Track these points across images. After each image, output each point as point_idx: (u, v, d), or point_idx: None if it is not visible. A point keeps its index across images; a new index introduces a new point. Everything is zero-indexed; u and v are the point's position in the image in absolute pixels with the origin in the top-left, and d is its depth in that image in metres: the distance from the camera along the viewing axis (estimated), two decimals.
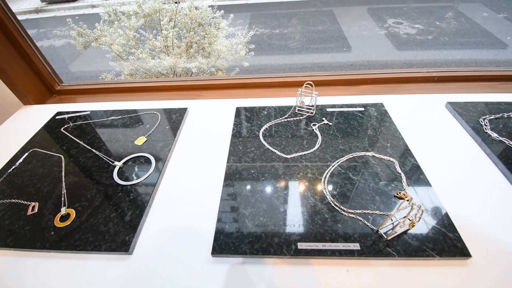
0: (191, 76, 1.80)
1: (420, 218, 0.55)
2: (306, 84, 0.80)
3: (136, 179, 0.70)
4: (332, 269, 0.52)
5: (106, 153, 0.79)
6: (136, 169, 0.73)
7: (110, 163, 0.76)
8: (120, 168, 0.74)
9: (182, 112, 0.92)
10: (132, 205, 0.65)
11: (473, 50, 3.29)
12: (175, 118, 0.89)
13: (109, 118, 0.93)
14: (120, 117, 0.93)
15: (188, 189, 0.69)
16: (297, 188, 0.65)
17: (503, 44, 3.37)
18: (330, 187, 0.64)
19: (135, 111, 0.95)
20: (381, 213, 0.58)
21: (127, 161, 0.76)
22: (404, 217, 0.52)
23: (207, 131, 0.86)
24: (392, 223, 0.55)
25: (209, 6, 1.78)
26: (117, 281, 0.54)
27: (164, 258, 0.56)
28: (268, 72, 3.05)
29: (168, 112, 0.92)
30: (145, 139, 0.82)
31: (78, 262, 0.57)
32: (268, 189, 0.65)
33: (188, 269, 0.54)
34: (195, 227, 0.61)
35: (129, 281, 0.53)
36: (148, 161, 0.75)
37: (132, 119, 0.92)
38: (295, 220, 0.58)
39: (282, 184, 0.66)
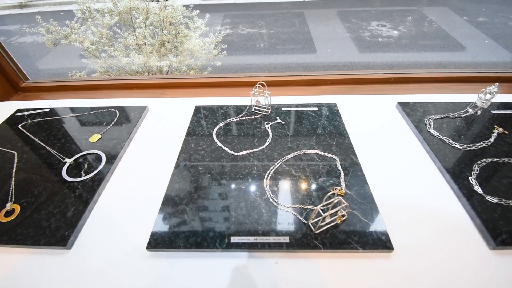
0: (167, 74, 1.80)
1: (346, 212, 0.57)
2: (258, 84, 0.82)
3: (84, 176, 0.71)
4: (262, 262, 0.54)
5: (59, 150, 0.79)
6: (85, 166, 0.74)
7: (61, 160, 0.76)
8: (70, 165, 0.75)
9: (141, 110, 0.92)
10: (76, 201, 0.65)
11: (433, 53, 3.40)
12: (133, 116, 0.90)
13: (67, 116, 0.93)
14: (78, 114, 0.93)
15: (136, 186, 0.70)
16: (240, 185, 0.66)
17: (461, 47, 3.49)
18: (272, 184, 0.66)
19: (94, 108, 0.95)
20: (314, 207, 0.60)
21: (78, 158, 0.77)
22: (324, 207, 0.54)
23: (164, 129, 0.87)
24: (320, 217, 0.57)
25: (184, 6, 1.78)
26: (54, 275, 0.54)
27: (102, 253, 0.57)
28: (236, 71, 3.09)
29: (126, 110, 0.93)
30: (99, 136, 0.83)
31: (17, 256, 0.58)
32: (212, 185, 0.67)
33: (124, 264, 0.55)
34: (137, 223, 0.62)
35: (66, 275, 0.54)
36: (99, 158, 0.76)
37: (90, 117, 0.92)
38: (233, 215, 0.60)
39: (226, 181, 0.68)
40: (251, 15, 4.59)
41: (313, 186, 0.65)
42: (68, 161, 0.75)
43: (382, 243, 0.54)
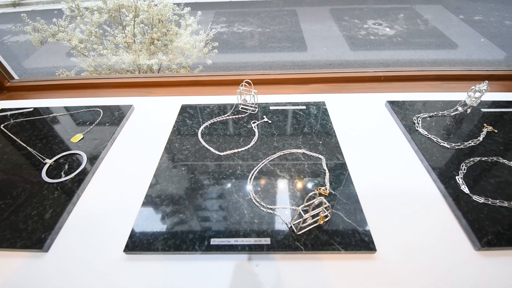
0: (158, 72, 1.78)
1: (329, 213, 0.56)
2: (244, 82, 0.81)
3: (64, 177, 0.69)
4: (243, 264, 0.53)
5: (40, 151, 0.78)
6: (66, 167, 0.72)
7: (42, 160, 0.74)
8: (50, 165, 0.73)
9: (126, 109, 0.91)
10: (54, 203, 0.64)
11: (425, 51, 3.39)
12: (117, 115, 0.88)
13: (51, 115, 0.91)
14: (62, 114, 0.91)
15: (117, 187, 0.68)
16: (223, 185, 0.65)
17: (454, 45, 3.49)
18: (256, 184, 0.65)
19: (78, 108, 0.93)
20: (297, 208, 0.59)
21: (59, 158, 0.75)
22: (306, 208, 0.53)
23: (149, 128, 0.86)
24: (302, 218, 0.56)
25: (175, 4, 1.76)
26: (30, 278, 0.53)
27: (79, 256, 0.56)
28: (227, 70, 3.07)
29: (111, 109, 0.91)
30: (82, 136, 0.81)
31: None
32: (195, 186, 0.65)
33: (100, 267, 0.53)
34: (116, 225, 0.60)
35: (41, 278, 0.53)
36: (80, 159, 0.74)
37: (74, 116, 0.90)
38: (214, 216, 0.59)
39: (209, 181, 0.66)
40: (244, 12, 4.57)
41: (298, 186, 0.64)
42: (49, 161, 0.73)
43: (365, 244, 0.53)
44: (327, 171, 0.67)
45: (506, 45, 3.51)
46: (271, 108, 0.89)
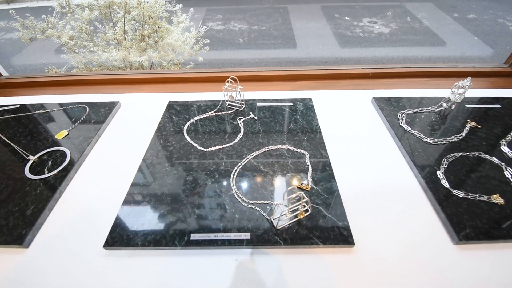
0: (150, 69, 1.77)
1: (308, 207, 0.56)
2: (229, 79, 0.81)
3: (47, 173, 0.69)
4: (222, 259, 0.53)
5: (24, 147, 0.77)
6: (49, 163, 0.72)
7: (25, 157, 0.74)
8: (34, 162, 0.72)
9: (112, 105, 0.90)
10: (36, 200, 0.63)
11: (413, 48, 3.41)
12: (103, 112, 0.88)
13: (37, 112, 0.90)
14: (47, 110, 0.91)
15: (100, 184, 0.68)
16: (206, 181, 0.65)
17: (442, 42, 3.51)
18: (239, 180, 0.65)
19: (64, 104, 0.93)
20: (279, 203, 0.59)
21: (43, 155, 0.74)
22: (290, 205, 0.53)
23: (135, 125, 0.85)
24: (282, 212, 0.56)
25: (167, 1, 1.75)
26: (10, 274, 0.52)
27: (60, 252, 0.56)
28: (219, 67, 3.06)
29: (97, 105, 0.91)
30: (66, 133, 0.80)
31: None
32: (177, 182, 0.65)
33: (80, 263, 0.53)
34: (98, 221, 0.60)
35: (22, 274, 0.53)
36: (64, 156, 0.74)
37: (60, 113, 0.89)
38: (196, 212, 0.59)
39: (192, 177, 0.66)
40: (235, 10, 4.56)
41: (280, 182, 0.64)
42: (32, 158, 0.73)
43: (343, 238, 0.53)
44: (310, 166, 0.67)
45: (500, 42, 3.54)
46: (258, 104, 0.89)
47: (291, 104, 0.89)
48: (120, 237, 0.55)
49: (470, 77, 0.77)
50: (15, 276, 0.52)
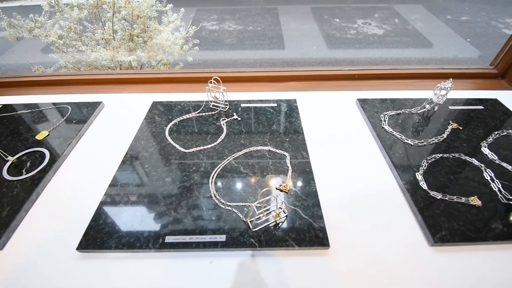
0: (140, 69, 1.76)
1: (285, 209, 0.56)
2: (212, 79, 0.80)
3: (25, 175, 0.68)
4: (197, 261, 0.52)
5: (4, 148, 0.76)
6: (28, 164, 0.71)
7: (4, 157, 0.73)
8: (12, 163, 0.71)
9: (95, 106, 0.89)
10: (12, 201, 0.62)
11: (400, 49, 3.43)
12: (85, 112, 0.87)
13: (18, 112, 0.89)
14: (30, 111, 0.89)
15: (78, 185, 0.67)
16: (184, 183, 0.64)
17: (429, 44, 3.54)
18: (218, 181, 0.65)
19: (47, 104, 0.91)
20: (253, 205, 0.58)
21: (22, 156, 0.73)
22: (260, 204, 0.53)
23: (117, 126, 0.85)
24: (256, 214, 0.56)
25: (157, 0, 1.74)
26: None
27: (34, 254, 0.55)
28: (207, 67, 3.07)
29: (80, 106, 0.90)
30: (47, 133, 0.80)
31: None
32: (156, 184, 0.65)
33: (53, 265, 0.53)
34: (73, 224, 0.59)
35: None
36: (43, 156, 0.73)
37: (42, 113, 0.88)
38: (172, 214, 0.58)
39: (171, 179, 0.66)
40: (225, 10, 4.56)
41: (259, 183, 0.64)
42: (11, 159, 0.72)
43: (319, 240, 0.53)
44: (290, 168, 0.67)
45: (493, 45, 3.57)
46: (242, 105, 0.89)
47: (275, 105, 0.88)
48: (94, 240, 0.54)
49: (451, 79, 0.77)
50: None
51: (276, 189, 0.62)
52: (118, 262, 0.53)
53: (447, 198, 0.60)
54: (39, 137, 0.79)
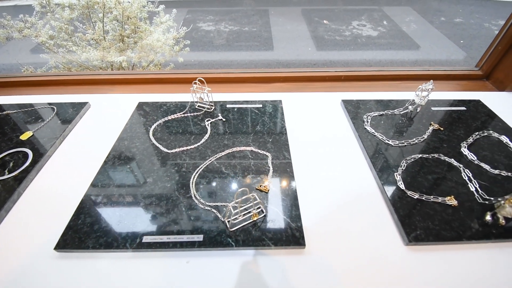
0: (132, 69, 1.76)
1: (263, 208, 0.56)
2: (197, 80, 0.81)
3: (7, 175, 0.68)
4: (174, 261, 0.53)
5: None
6: (10, 164, 0.71)
7: None
8: None
9: (80, 106, 0.90)
10: None
11: (387, 51, 3.47)
12: (70, 113, 0.87)
13: (5, 112, 0.89)
14: (15, 111, 0.89)
15: (60, 186, 0.67)
16: (165, 183, 0.65)
17: (416, 46, 3.57)
18: (199, 181, 0.65)
19: (34, 105, 0.91)
20: (230, 205, 0.59)
21: (5, 156, 0.73)
22: (237, 204, 0.53)
23: (102, 126, 0.85)
24: (232, 214, 0.56)
25: (149, 1, 1.75)
26: None
27: (13, 253, 0.55)
28: (199, 68, 3.07)
29: (65, 106, 0.90)
30: (31, 133, 0.80)
31: None
32: (136, 184, 0.65)
33: (31, 265, 0.53)
34: (53, 224, 0.59)
35: None
36: (26, 157, 0.73)
37: (27, 113, 0.88)
38: (151, 214, 0.58)
39: (152, 179, 0.66)
40: (213, 11, 4.57)
41: (240, 184, 0.64)
42: None
43: (295, 239, 0.54)
44: (271, 168, 0.67)
45: (485, 45, 3.60)
46: (228, 106, 0.89)
47: (260, 106, 0.89)
48: (72, 240, 0.54)
49: (431, 80, 0.78)
50: None
51: (256, 189, 0.63)
52: (96, 261, 0.53)
53: (424, 198, 0.61)
54: (23, 137, 0.79)
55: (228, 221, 0.55)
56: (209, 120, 0.83)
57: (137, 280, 0.50)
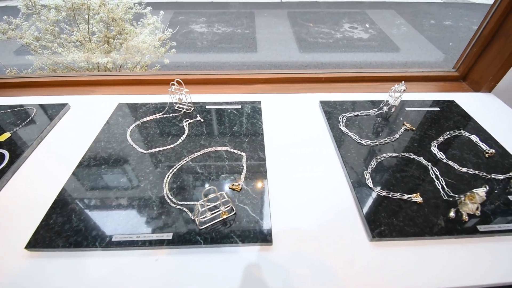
0: (119, 70, 1.76)
1: (231, 207, 0.58)
2: (175, 81, 0.82)
3: None
4: (143, 259, 0.54)
5: None
6: None
7: None
8: None
9: (60, 107, 0.90)
10: None
11: (369, 53, 3.54)
12: (49, 114, 0.88)
13: None
14: None
15: (35, 187, 0.68)
16: (139, 183, 0.66)
17: (396, 48, 3.65)
18: (172, 181, 0.66)
19: (12, 106, 0.92)
20: (198, 203, 0.60)
21: None
22: (206, 203, 0.54)
23: (81, 127, 0.85)
24: (200, 212, 0.57)
25: (136, 3, 1.76)
26: None
27: None
28: (183, 69, 3.09)
29: (45, 108, 0.90)
30: (9, 135, 0.80)
31: None
32: (110, 184, 0.66)
33: (3, 264, 0.53)
34: (27, 223, 0.60)
35: None
36: (2, 158, 0.73)
37: (6, 115, 0.89)
38: (123, 213, 0.59)
39: (126, 179, 0.67)
40: (200, 13, 4.60)
41: (213, 183, 0.66)
42: None
43: (262, 236, 0.55)
44: (245, 168, 0.69)
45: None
46: (207, 107, 0.90)
47: (239, 107, 0.90)
48: (42, 239, 0.55)
49: (403, 82, 0.81)
50: None
51: (229, 188, 0.64)
52: (65, 260, 0.53)
53: (390, 195, 0.62)
54: (1, 138, 0.79)
55: (198, 219, 0.56)
56: (188, 120, 0.84)
57: (107, 278, 0.51)
